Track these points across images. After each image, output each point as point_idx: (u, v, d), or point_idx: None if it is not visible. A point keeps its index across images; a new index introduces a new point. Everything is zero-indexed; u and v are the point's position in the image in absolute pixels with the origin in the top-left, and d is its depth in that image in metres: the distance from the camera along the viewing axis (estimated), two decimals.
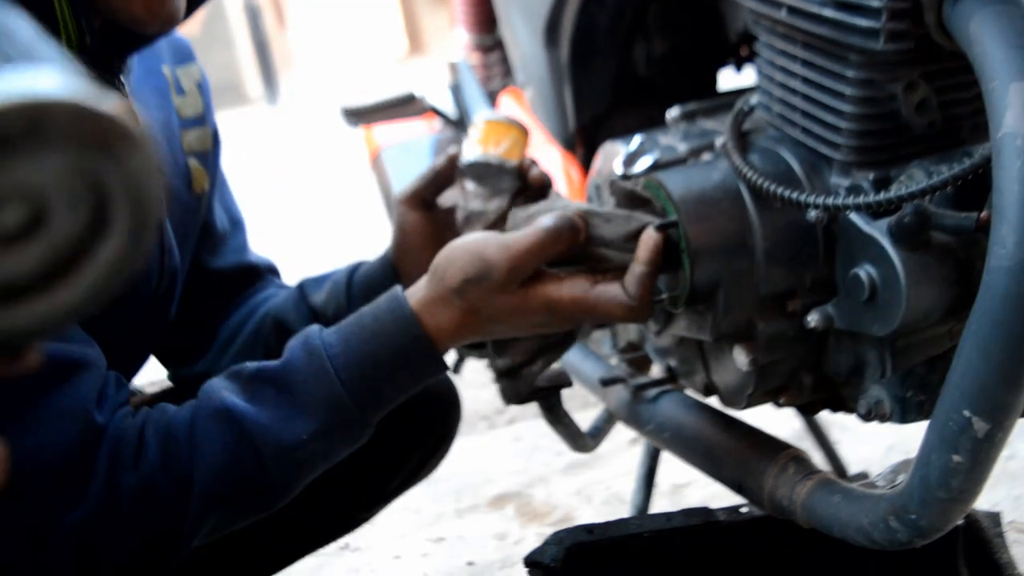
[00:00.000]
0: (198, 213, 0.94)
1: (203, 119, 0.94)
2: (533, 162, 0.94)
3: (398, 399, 0.78)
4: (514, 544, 1.56)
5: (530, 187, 0.93)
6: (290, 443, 0.73)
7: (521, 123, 0.95)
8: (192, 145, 0.92)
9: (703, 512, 1.07)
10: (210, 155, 0.96)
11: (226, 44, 9.49)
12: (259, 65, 8.65)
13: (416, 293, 0.78)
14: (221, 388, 0.74)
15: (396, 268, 0.97)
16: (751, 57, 1.00)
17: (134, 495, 0.69)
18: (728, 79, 1.28)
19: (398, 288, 0.78)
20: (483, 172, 0.92)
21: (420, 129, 1.68)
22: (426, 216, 0.96)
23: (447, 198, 0.98)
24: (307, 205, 4.81)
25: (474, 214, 0.92)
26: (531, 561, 1.01)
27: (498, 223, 0.92)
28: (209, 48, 9.23)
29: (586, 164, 1.15)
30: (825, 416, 1.66)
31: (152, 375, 1.05)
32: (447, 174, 0.95)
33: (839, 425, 1.71)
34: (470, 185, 0.93)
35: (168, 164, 0.87)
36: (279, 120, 8.18)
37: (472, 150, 0.93)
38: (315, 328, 0.78)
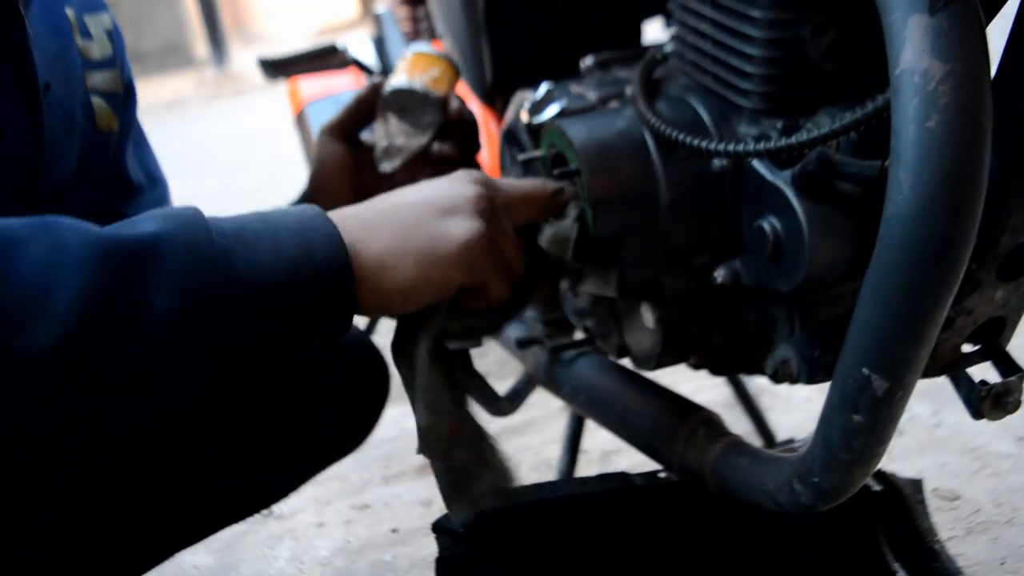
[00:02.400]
0: (105, 152, 0.90)
1: (112, 62, 0.90)
2: (462, 100, 0.90)
3: (277, 268, 0.60)
4: (440, 511, 1.50)
5: (454, 125, 0.89)
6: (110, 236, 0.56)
7: (452, 59, 0.91)
8: (97, 85, 0.88)
9: (619, 477, 1.04)
10: (120, 98, 0.92)
11: (171, 3, 9.22)
12: (206, 26, 8.40)
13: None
14: None
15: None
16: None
17: None
18: (657, 33, 1.25)
19: None
20: (407, 102, 0.88)
21: (347, 83, 1.62)
22: (347, 150, 0.91)
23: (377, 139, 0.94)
24: (253, 170, 4.70)
25: (393, 148, 0.88)
26: (439, 527, 0.98)
27: (418, 160, 0.88)
28: (153, 7, 8.98)
29: None
30: (756, 383, 1.65)
31: None
32: (370, 103, 0.91)
33: (770, 392, 1.70)
34: (393, 119, 0.89)
35: (67, 93, 0.82)
36: (226, 83, 7.98)
37: (398, 78, 0.89)
38: None
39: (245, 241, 0.59)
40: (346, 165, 0.91)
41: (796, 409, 1.67)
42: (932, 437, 1.54)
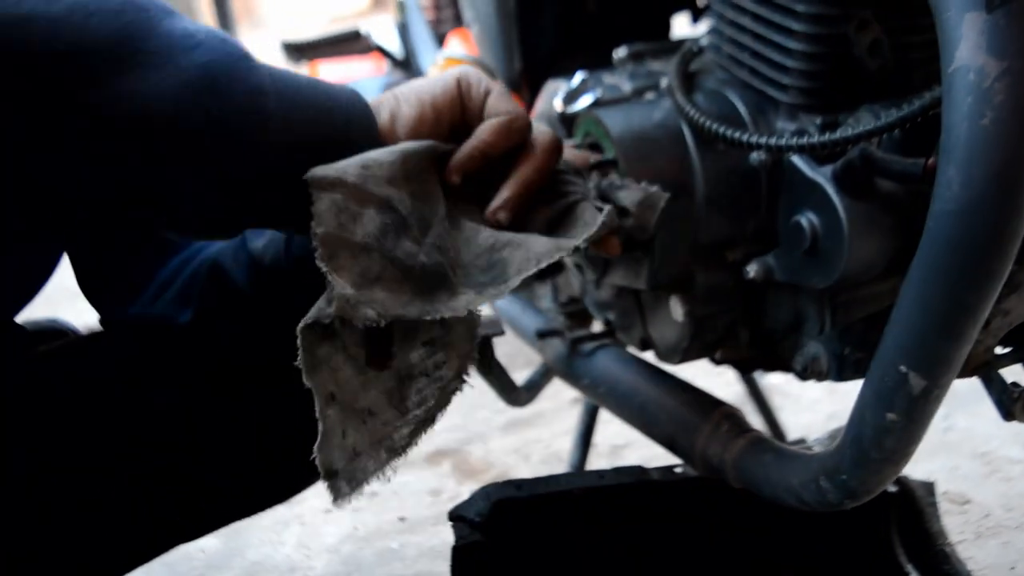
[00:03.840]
0: None
1: None
2: None
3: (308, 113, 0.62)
4: (448, 501, 1.53)
5: None
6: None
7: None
8: None
9: (636, 471, 1.04)
10: None
11: None
12: (217, 16, 8.38)
13: None
14: None
15: None
16: (708, 7, 0.96)
17: None
18: (684, 29, 1.24)
19: None
20: None
21: (368, 69, 1.62)
22: None
23: None
24: None
25: None
26: (456, 515, 0.98)
27: None
28: None
29: (532, 106, 1.11)
30: (767, 382, 1.65)
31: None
32: None
33: (781, 391, 1.70)
34: None
35: None
36: None
37: None
38: None
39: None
40: None
41: (807, 409, 1.67)
42: (943, 440, 1.54)
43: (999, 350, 0.72)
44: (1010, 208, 0.52)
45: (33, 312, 0.95)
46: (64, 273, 0.98)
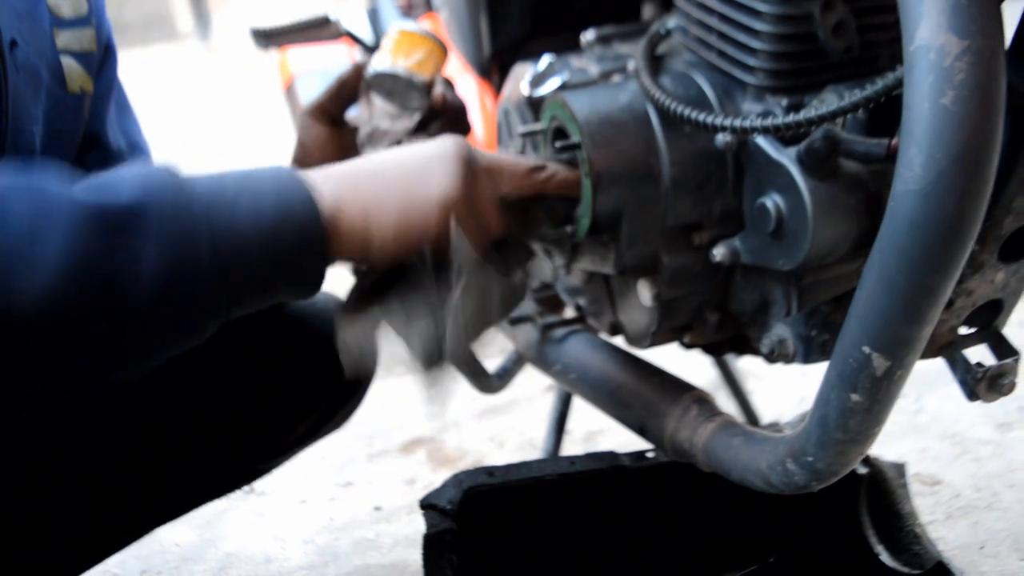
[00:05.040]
0: (78, 113, 0.87)
1: (86, 21, 0.87)
2: (449, 83, 0.88)
3: (257, 233, 0.60)
4: (423, 489, 1.52)
5: (441, 109, 0.86)
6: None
7: (438, 38, 0.88)
8: (68, 44, 0.85)
9: (608, 456, 1.04)
10: (94, 59, 0.89)
11: None
12: (191, 3, 8.28)
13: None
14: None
15: None
16: None
17: None
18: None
19: None
20: (391, 86, 0.85)
21: (338, 56, 1.60)
22: (330, 131, 0.89)
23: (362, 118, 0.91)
24: (236, 145, 4.65)
25: (378, 131, 0.85)
26: (427, 503, 0.98)
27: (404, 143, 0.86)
28: None
29: (500, 91, 1.10)
30: (740, 366, 1.66)
31: None
32: (353, 84, 0.88)
33: (754, 375, 1.70)
34: (378, 100, 0.87)
35: (35, 51, 0.80)
36: (211, 57, 7.88)
37: (382, 60, 0.86)
38: None
39: (224, 205, 0.59)
40: (329, 148, 0.88)
41: (779, 392, 1.68)
42: (913, 422, 1.55)
43: (963, 330, 0.72)
44: (971, 188, 0.53)
45: None
46: None
